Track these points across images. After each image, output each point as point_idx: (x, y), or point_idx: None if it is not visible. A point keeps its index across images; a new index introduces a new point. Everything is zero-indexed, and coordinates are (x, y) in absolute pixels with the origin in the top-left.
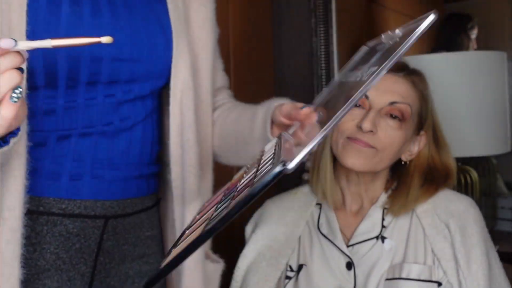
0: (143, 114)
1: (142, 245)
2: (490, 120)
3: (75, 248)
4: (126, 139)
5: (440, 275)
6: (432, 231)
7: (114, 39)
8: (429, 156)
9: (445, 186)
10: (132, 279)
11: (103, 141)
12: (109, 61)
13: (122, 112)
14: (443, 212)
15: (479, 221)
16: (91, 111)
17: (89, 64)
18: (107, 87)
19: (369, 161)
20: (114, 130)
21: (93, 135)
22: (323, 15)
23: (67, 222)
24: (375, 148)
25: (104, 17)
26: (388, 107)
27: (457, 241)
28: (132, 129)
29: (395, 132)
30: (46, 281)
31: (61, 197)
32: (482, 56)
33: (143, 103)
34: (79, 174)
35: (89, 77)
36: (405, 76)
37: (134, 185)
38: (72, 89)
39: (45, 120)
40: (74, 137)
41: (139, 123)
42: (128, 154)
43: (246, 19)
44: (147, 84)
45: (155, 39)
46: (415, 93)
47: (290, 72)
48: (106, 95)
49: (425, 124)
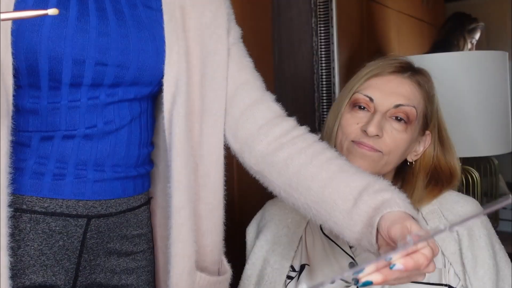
0: (129, 117)
1: (129, 243)
2: (492, 121)
3: (58, 245)
4: (111, 142)
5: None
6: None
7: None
8: (434, 155)
9: (449, 187)
10: (119, 276)
11: (87, 144)
12: (93, 65)
13: (106, 114)
14: (450, 214)
15: (485, 223)
16: (74, 113)
17: (71, 66)
18: (90, 90)
19: (375, 164)
20: (98, 133)
21: (76, 138)
22: (324, 15)
23: (49, 220)
24: (381, 152)
25: (91, 22)
26: (394, 109)
27: (464, 246)
28: (117, 132)
29: (401, 135)
30: (31, 276)
31: (44, 196)
32: (484, 56)
33: (130, 106)
34: (62, 175)
35: (71, 79)
36: (410, 76)
37: (119, 186)
38: (55, 90)
39: (30, 119)
40: (57, 139)
41: (124, 126)
42: (113, 156)
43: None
44: (132, 90)
45: (143, 47)
46: (420, 94)
47: (290, 72)
48: (89, 97)
49: (430, 124)
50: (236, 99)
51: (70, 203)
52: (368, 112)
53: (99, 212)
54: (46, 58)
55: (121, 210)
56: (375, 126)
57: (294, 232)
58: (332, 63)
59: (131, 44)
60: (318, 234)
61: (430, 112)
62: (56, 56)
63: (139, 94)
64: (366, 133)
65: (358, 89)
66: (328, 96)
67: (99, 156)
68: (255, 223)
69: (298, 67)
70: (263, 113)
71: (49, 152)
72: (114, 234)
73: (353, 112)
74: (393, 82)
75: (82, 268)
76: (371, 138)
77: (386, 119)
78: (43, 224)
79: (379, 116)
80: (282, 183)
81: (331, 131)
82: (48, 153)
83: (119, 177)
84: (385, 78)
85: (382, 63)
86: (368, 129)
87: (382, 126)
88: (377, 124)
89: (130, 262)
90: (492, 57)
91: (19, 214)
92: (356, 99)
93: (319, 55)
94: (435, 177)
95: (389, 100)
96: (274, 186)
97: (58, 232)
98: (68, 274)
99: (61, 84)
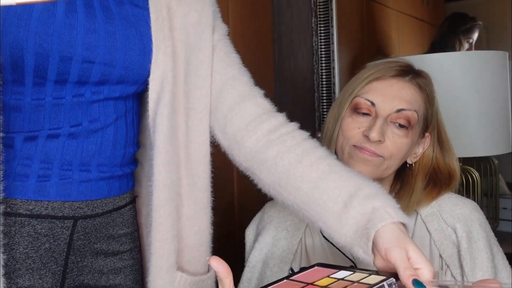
0: (114, 115)
1: (115, 243)
2: (492, 121)
3: (44, 247)
4: (97, 141)
5: None
6: (439, 236)
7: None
8: (433, 156)
9: (448, 189)
10: (107, 276)
11: (72, 143)
12: (79, 62)
13: (91, 113)
14: (449, 216)
15: (484, 225)
16: (59, 111)
17: (58, 63)
18: (76, 87)
19: (376, 169)
20: (83, 131)
21: (60, 137)
22: (324, 15)
23: (34, 223)
24: (383, 157)
25: (79, 18)
26: (395, 114)
27: (463, 248)
28: (103, 131)
29: (402, 140)
30: (18, 280)
31: (29, 198)
32: (484, 56)
33: (115, 104)
34: (47, 176)
35: (57, 76)
36: (411, 80)
37: (105, 186)
38: (39, 87)
39: (12, 118)
40: (41, 139)
41: (110, 125)
42: (99, 156)
43: (246, 19)
44: (118, 88)
45: (130, 45)
46: (421, 98)
47: (290, 72)
48: (74, 94)
49: (430, 126)
50: (223, 95)
51: (56, 205)
52: (369, 116)
53: (85, 213)
54: (33, 54)
55: (107, 210)
56: (377, 131)
57: (293, 235)
58: (332, 63)
59: (118, 42)
60: (317, 237)
61: (431, 114)
62: (43, 53)
63: (124, 93)
64: (367, 138)
65: (359, 93)
66: (328, 96)
67: (84, 155)
68: (254, 225)
69: (298, 67)
70: (251, 109)
71: (33, 153)
72: (101, 234)
73: (354, 116)
74: (395, 86)
75: (69, 270)
76: (373, 143)
77: (388, 123)
78: (28, 227)
79: (380, 121)
80: (271, 181)
81: (331, 134)
82: (32, 153)
83: (105, 177)
84: (386, 82)
85: (383, 66)
86: (370, 135)
87: (384, 131)
88: (379, 130)
89: (117, 261)
90: (492, 57)
91: (3, 218)
92: (357, 103)
93: (319, 55)
94: (434, 179)
95: (391, 104)
96: (263, 184)
97: (44, 235)
98: (55, 276)
99: (46, 80)
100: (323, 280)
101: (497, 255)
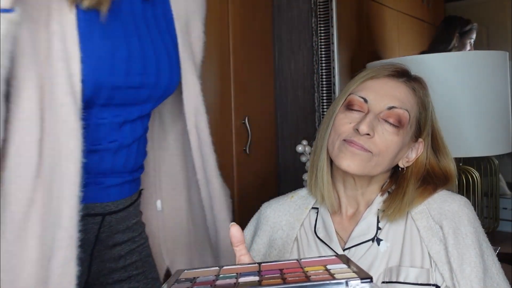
0: (141, 132)
1: (130, 231)
2: (493, 121)
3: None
4: (125, 154)
5: (438, 278)
6: (427, 233)
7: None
8: (426, 163)
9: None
10: (124, 258)
11: (107, 156)
12: (125, 89)
13: (124, 130)
14: (437, 213)
15: (473, 221)
16: (100, 130)
17: (109, 91)
18: (116, 109)
19: (364, 164)
20: (117, 146)
21: (99, 152)
22: (324, 15)
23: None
24: (371, 152)
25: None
26: (387, 111)
27: (450, 244)
28: (131, 145)
29: (392, 137)
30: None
31: None
32: (484, 56)
33: (142, 122)
34: (86, 184)
35: (105, 101)
36: (406, 82)
37: (127, 187)
38: (87, 110)
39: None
40: (84, 153)
41: (136, 140)
42: (126, 165)
43: (246, 19)
44: (147, 106)
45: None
46: (414, 100)
47: (290, 72)
48: (114, 115)
49: (423, 132)
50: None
51: (90, 205)
52: (362, 113)
53: (111, 209)
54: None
55: (127, 205)
56: (367, 124)
57: (288, 234)
58: (332, 63)
59: (152, 68)
60: (311, 236)
61: (424, 118)
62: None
63: (152, 108)
64: (358, 132)
65: (354, 91)
66: (328, 96)
67: (115, 165)
68: (251, 225)
69: (298, 67)
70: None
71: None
72: (120, 226)
73: (347, 113)
74: (388, 84)
75: (94, 258)
76: (362, 138)
77: (379, 120)
78: None
79: (371, 116)
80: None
81: (324, 131)
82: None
83: (128, 181)
84: (380, 81)
85: (380, 67)
86: (360, 128)
87: (374, 127)
88: (368, 123)
89: (131, 244)
90: (492, 57)
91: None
92: (351, 100)
93: (319, 55)
94: (428, 180)
95: (383, 101)
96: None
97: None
98: (84, 264)
99: (94, 104)
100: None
101: (487, 251)
